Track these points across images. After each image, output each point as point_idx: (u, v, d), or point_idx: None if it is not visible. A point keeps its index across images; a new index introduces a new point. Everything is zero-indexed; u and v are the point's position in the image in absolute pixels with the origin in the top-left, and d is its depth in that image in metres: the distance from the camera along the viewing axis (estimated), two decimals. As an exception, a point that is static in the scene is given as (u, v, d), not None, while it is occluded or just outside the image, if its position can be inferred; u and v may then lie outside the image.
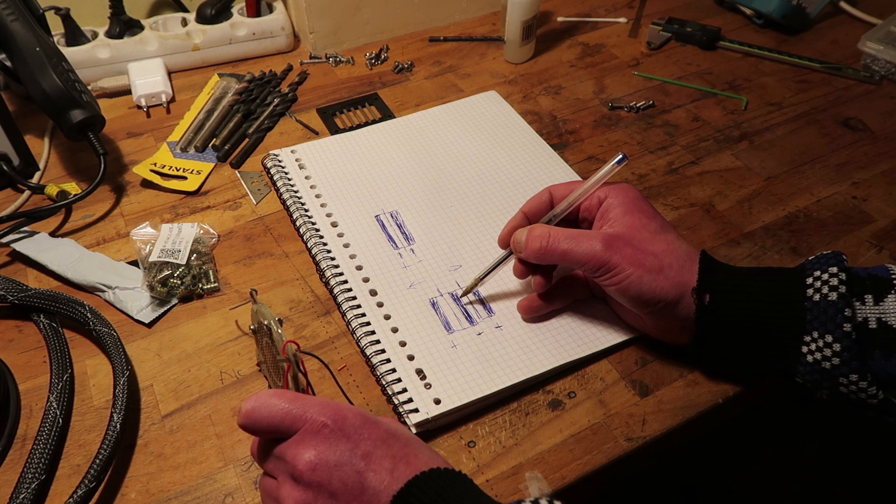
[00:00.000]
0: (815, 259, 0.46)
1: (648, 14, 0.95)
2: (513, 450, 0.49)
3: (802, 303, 0.44)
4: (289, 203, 0.66)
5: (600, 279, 0.49)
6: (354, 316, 0.55)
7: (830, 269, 0.44)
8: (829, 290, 0.44)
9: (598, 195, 0.52)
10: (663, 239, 0.49)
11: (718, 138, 0.75)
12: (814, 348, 0.44)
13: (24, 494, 0.44)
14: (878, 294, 0.44)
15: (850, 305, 0.43)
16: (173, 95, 0.81)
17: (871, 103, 0.79)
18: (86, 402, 0.52)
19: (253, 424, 0.39)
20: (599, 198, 0.52)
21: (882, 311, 0.43)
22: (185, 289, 0.58)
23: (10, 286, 0.56)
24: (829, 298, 0.43)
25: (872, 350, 0.43)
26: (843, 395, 0.44)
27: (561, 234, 0.50)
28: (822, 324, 0.43)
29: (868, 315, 0.43)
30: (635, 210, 0.50)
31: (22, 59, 0.64)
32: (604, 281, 0.48)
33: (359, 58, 0.87)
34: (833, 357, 0.43)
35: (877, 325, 0.43)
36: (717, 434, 0.56)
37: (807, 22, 0.91)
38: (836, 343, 0.43)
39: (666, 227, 0.50)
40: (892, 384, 0.43)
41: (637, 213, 0.50)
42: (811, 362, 0.44)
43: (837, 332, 0.43)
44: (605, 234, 0.49)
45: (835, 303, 0.43)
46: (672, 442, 0.51)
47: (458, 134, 0.74)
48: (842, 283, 0.43)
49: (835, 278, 0.44)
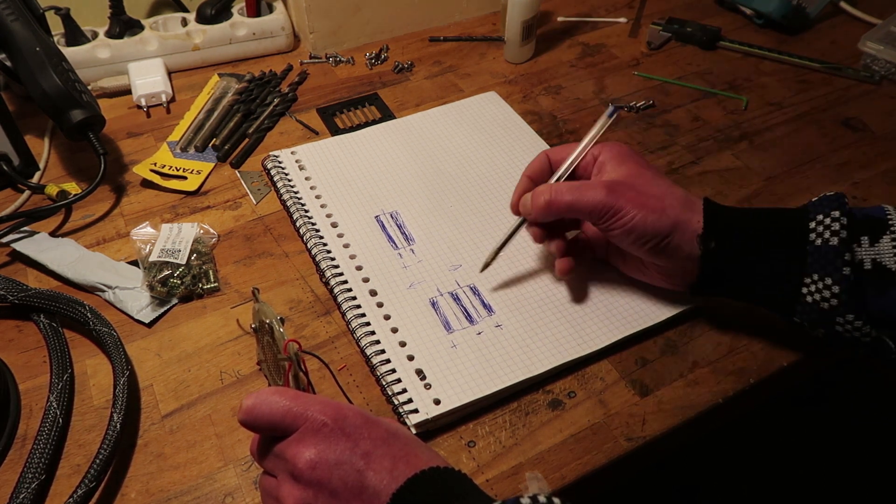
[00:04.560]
0: (819, 201, 0.48)
1: (648, 14, 0.95)
2: (513, 450, 0.49)
3: (805, 247, 0.46)
4: (289, 204, 0.66)
5: (607, 223, 0.50)
6: (354, 316, 0.55)
7: (833, 213, 0.46)
8: (830, 235, 0.45)
9: (593, 153, 0.54)
10: (661, 183, 0.51)
11: (719, 138, 0.75)
12: (813, 290, 0.46)
13: (24, 494, 0.44)
14: (873, 235, 0.45)
15: (850, 249, 0.45)
16: (173, 95, 0.81)
17: (871, 103, 0.79)
18: (86, 402, 0.52)
19: (253, 421, 0.39)
20: (594, 155, 0.54)
21: (877, 252, 0.45)
22: (185, 289, 0.58)
23: (10, 286, 0.56)
24: (830, 243, 0.45)
25: (867, 289, 0.45)
26: (838, 335, 0.46)
27: (564, 186, 0.51)
28: (822, 267, 0.45)
29: (864, 256, 0.45)
30: (629, 160, 0.52)
31: (22, 59, 0.64)
32: (611, 224, 0.50)
33: (359, 58, 0.87)
34: (832, 298, 0.45)
35: (871, 265, 0.45)
36: (717, 434, 0.56)
37: (807, 22, 0.92)
38: (836, 285, 0.44)
39: (660, 174, 0.52)
40: (884, 322, 0.45)
41: (631, 162, 0.52)
42: (810, 303, 0.46)
43: (836, 275, 0.44)
44: (606, 181, 0.51)
45: (835, 247, 0.45)
46: (672, 442, 0.51)
47: (458, 134, 0.74)
48: (843, 227, 0.45)
49: (836, 223, 0.45)
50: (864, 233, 0.46)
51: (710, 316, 0.57)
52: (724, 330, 0.56)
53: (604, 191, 0.49)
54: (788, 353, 0.55)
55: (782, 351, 0.55)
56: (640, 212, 0.48)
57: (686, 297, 0.56)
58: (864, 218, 0.46)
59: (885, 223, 0.45)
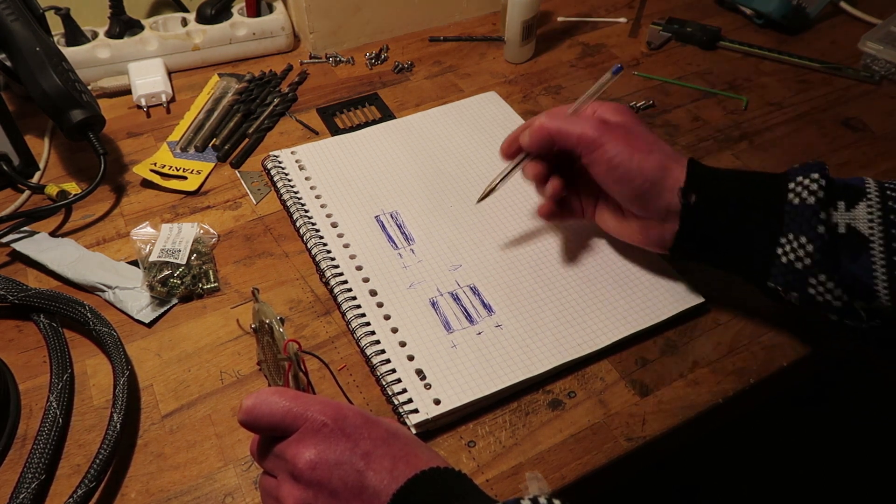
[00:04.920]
0: (800, 166, 0.49)
1: (648, 14, 0.95)
2: (513, 450, 0.49)
3: (782, 205, 0.47)
4: (289, 204, 0.66)
5: (593, 156, 0.52)
6: (354, 316, 0.55)
7: (812, 175, 0.47)
8: (808, 195, 0.46)
9: (593, 106, 0.56)
10: (650, 136, 0.53)
11: (719, 138, 0.75)
12: (788, 249, 0.47)
13: (24, 494, 0.44)
14: (850, 201, 0.46)
15: (826, 209, 0.46)
16: (173, 95, 0.81)
17: (871, 103, 0.79)
18: (86, 402, 0.52)
19: (253, 421, 0.39)
20: (594, 109, 0.55)
21: (852, 217, 0.46)
22: (185, 289, 0.58)
23: (10, 286, 0.56)
24: (807, 202, 0.46)
25: (841, 253, 0.46)
26: (810, 297, 0.47)
27: (559, 113, 0.54)
28: (798, 225, 0.46)
29: (839, 220, 0.46)
30: (627, 114, 0.54)
31: (22, 59, 0.64)
32: (596, 157, 0.51)
33: (359, 58, 0.87)
34: (805, 258, 0.46)
35: (845, 229, 0.46)
36: (717, 434, 0.56)
37: (807, 22, 0.92)
38: (810, 244, 0.46)
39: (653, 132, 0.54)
40: (855, 287, 0.46)
41: (629, 115, 0.54)
42: (785, 263, 0.47)
43: (811, 234, 0.46)
44: (598, 119, 0.53)
45: (811, 206, 0.46)
46: (672, 442, 0.51)
47: (458, 134, 0.74)
48: (821, 188, 0.46)
49: (815, 184, 0.47)
50: (841, 198, 0.47)
51: (710, 316, 0.57)
52: (724, 330, 0.56)
53: (595, 123, 0.52)
54: (788, 353, 0.55)
55: (782, 351, 0.55)
56: (626, 149, 0.50)
57: (686, 297, 0.56)
58: (843, 185, 0.47)
59: (862, 191, 0.47)
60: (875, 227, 0.45)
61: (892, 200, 0.46)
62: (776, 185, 0.48)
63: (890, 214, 0.45)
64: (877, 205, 0.46)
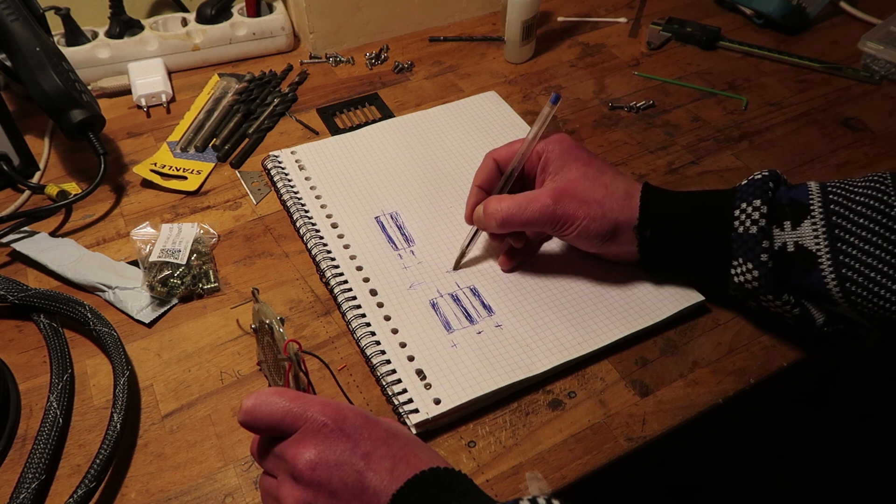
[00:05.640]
0: (745, 186, 0.52)
1: (648, 14, 0.95)
2: (513, 450, 0.49)
3: (729, 234, 0.51)
4: (289, 204, 0.66)
5: (556, 232, 0.55)
6: (355, 316, 0.55)
7: (754, 203, 0.50)
8: (750, 224, 0.50)
9: (537, 150, 0.56)
10: (601, 184, 0.54)
11: (718, 138, 0.75)
12: (739, 272, 0.51)
13: (24, 494, 0.44)
14: (795, 220, 0.49)
15: (769, 237, 0.49)
16: (173, 95, 0.81)
17: (871, 103, 0.79)
18: (86, 402, 0.52)
19: (253, 422, 0.39)
20: (538, 152, 0.56)
21: (799, 235, 0.49)
22: (185, 289, 0.58)
23: (10, 286, 0.56)
24: (750, 231, 0.49)
25: (792, 270, 0.49)
26: (765, 309, 0.52)
27: (514, 206, 0.54)
28: (745, 252, 0.50)
29: (787, 240, 0.49)
30: (572, 159, 0.55)
31: (22, 59, 0.64)
32: (560, 233, 0.54)
33: (359, 58, 0.87)
34: (753, 281, 0.50)
35: (794, 247, 0.49)
36: (717, 434, 0.56)
37: (807, 22, 0.92)
38: (755, 270, 0.49)
39: (603, 168, 0.55)
40: (812, 296, 0.49)
41: (574, 161, 0.55)
42: (738, 283, 0.51)
43: (756, 262, 0.49)
44: (551, 192, 0.54)
45: (754, 235, 0.49)
46: (672, 442, 0.51)
47: (458, 134, 0.74)
48: (762, 216, 0.49)
49: (757, 212, 0.49)
50: (787, 217, 0.49)
51: (710, 316, 0.57)
52: (724, 330, 0.56)
53: (550, 203, 0.53)
54: (788, 353, 0.55)
55: (782, 351, 0.55)
56: (583, 220, 0.53)
57: (686, 297, 0.56)
58: (789, 202, 0.50)
59: (806, 207, 0.49)
60: (821, 243, 0.48)
61: (835, 215, 0.48)
62: (723, 212, 0.51)
63: (834, 229, 0.48)
64: (821, 221, 0.48)
